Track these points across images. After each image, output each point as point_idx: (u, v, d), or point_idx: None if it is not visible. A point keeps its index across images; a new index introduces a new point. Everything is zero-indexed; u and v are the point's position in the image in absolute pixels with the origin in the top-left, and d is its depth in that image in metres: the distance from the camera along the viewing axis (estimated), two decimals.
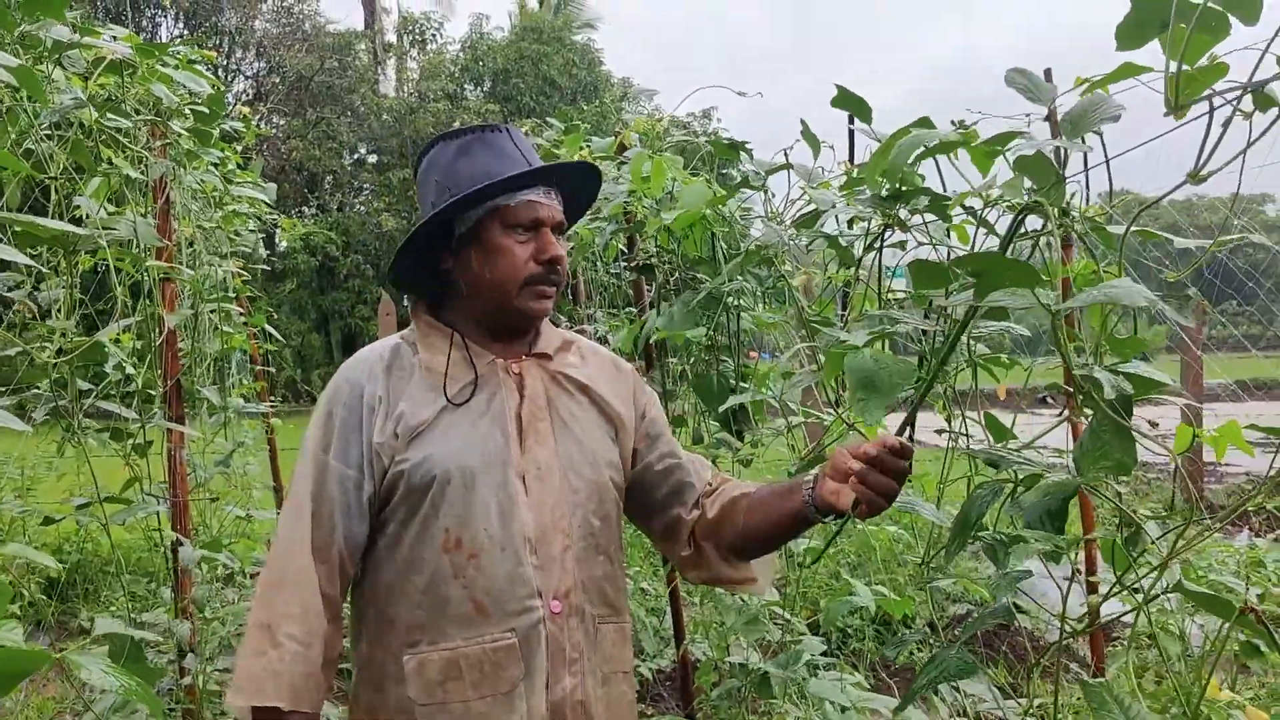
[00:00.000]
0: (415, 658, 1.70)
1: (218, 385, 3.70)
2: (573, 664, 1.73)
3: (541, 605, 1.71)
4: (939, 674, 1.64)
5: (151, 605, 5.02)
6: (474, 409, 1.78)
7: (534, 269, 1.79)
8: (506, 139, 1.86)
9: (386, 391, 1.77)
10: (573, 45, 31.75)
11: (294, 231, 5.51)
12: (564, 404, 1.86)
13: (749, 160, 2.31)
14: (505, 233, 1.79)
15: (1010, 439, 1.54)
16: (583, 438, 1.84)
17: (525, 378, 1.84)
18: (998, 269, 1.34)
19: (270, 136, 27.01)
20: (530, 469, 1.77)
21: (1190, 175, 1.16)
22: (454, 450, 1.73)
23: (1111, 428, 1.37)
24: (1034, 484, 1.51)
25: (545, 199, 1.81)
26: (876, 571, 5.11)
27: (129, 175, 2.71)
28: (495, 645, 1.68)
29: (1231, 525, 6.92)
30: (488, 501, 1.72)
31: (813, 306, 2.25)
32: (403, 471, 1.72)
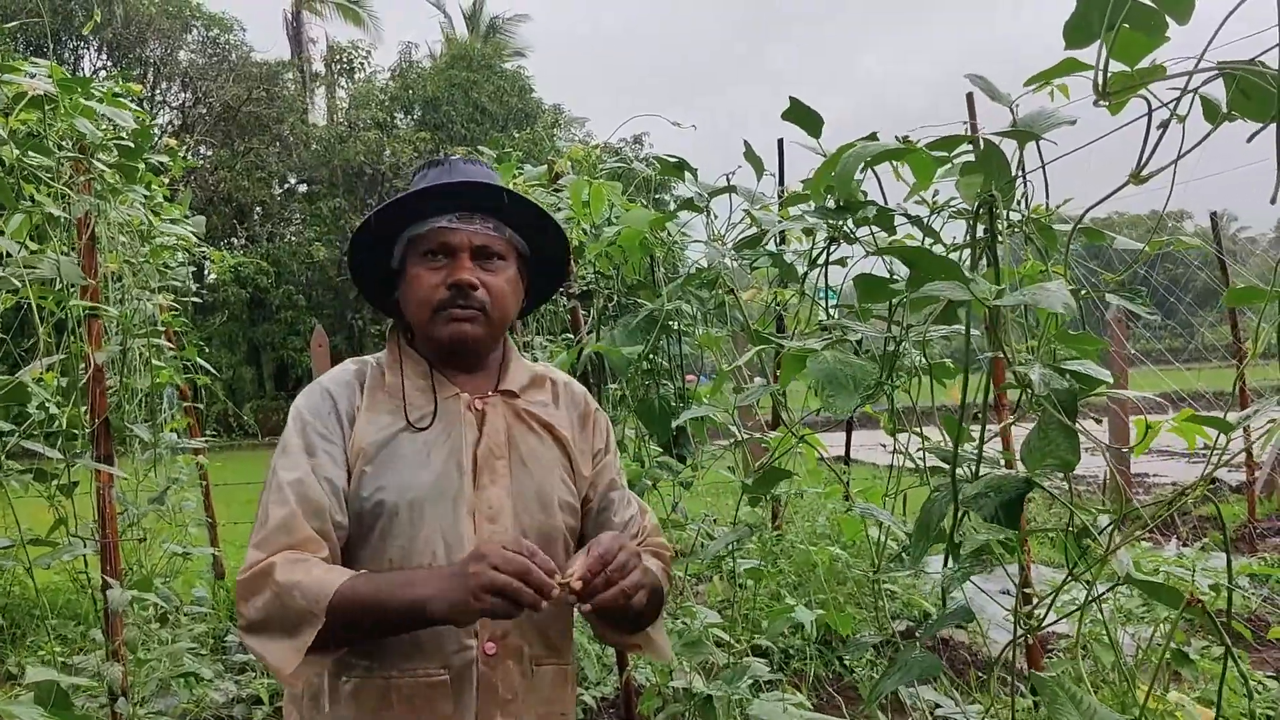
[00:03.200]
0: (353, 681, 1.70)
1: (149, 422, 3.63)
2: (506, 704, 1.72)
3: (476, 645, 1.70)
4: (905, 675, 1.65)
5: (83, 648, 4.90)
6: (429, 440, 1.77)
7: (442, 294, 1.77)
8: (444, 169, 1.86)
9: (353, 407, 1.78)
10: (503, 73, 31.83)
11: (224, 264, 5.44)
12: (526, 443, 1.84)
13: (693, 182, 2.33)
14: (419, 260, 1.80)
15: (966, 440, 1.57)
16: (540, 478, 1.82)
17: (488, 414, 1.82)
18: (927, 261, 1.38)
19: (197, 168, 26.65)
20: (482, 507, 1.75)
21: (1132, 175, 1.20)
22: (404, 481, 1.73)
23: (1057, 426, 1.41)
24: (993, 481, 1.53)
25: (461, 224, 1.79)
26: (817, 590, 5.13)
27: (51, 213, 2.65)
28: (428, 680, 1.68)
29: (1161, 535, 7.06)
30: (433, 536, 1.71)
31: (755, 325, 2.26)
32: (356, 498, 1.72)
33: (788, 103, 1.72)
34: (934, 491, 1.61)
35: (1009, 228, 1.47)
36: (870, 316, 1.75)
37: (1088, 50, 1.26)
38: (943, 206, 1.55)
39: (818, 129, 1.71)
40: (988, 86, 1.43)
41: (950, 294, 1.33)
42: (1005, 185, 1.41)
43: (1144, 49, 1.21)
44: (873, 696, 1.73)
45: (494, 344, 1.87)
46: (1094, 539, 1.52)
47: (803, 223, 1.85)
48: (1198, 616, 1.32)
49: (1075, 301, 1.30)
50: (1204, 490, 1.30)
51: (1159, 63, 1.23)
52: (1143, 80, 1.19)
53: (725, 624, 3.13)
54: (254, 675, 4.66)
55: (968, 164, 1.43)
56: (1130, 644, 4.00)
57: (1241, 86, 1.20)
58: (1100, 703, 1.43)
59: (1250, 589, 5.73)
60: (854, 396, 1.54)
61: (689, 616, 3.07)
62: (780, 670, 4.71)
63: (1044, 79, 1.32)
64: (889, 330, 1.65)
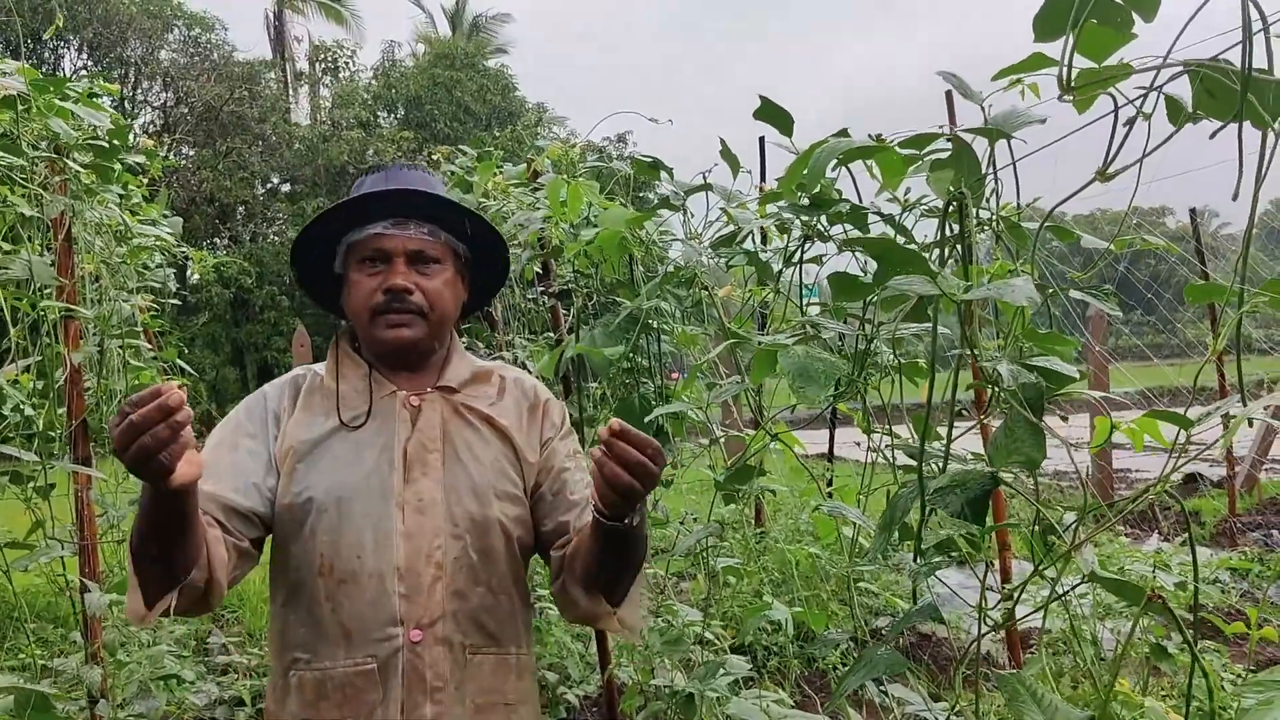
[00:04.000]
0: (296, 675, 1.78)
1: None
2: (435, 692, 1.75)
3: (402, 634, 1.75)
4: (869, 671, 1.66)
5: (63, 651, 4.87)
6: (361, 438, 1.84)
7: (379, 299, 1.84)
8: (381, 176, 1.93)
9: (284, 409, 1.87)
10: (486, 71, 31.77)
11: (206, 264, 5.41)
12: (462, 436, 1.89)
13: (669, 181, 2.33)
14: (357, 266, 1.88)
15: (935, 438, 1.58)
16: (475, 471, 1.86)
17: (424, 410, 1.88)
18: (894, 253, 1.40)
19: (179, 168, 26.52)
20: (411, 500, 1.80)
21: (1098, 173, 1.21)
22: (333, 479, 1.80)
23: (1024, 424, 1.42)
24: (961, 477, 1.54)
25: (396, 230, 1.85)
26: (798, 588, 5.15)
27: (25, 213, 2.64)
28: (357, 670, 1.74)
29: (1141, 530, 7.10)
30: (361, 530, 1.77)
31: (732, 323, 2.27)
32: (287, 494, 1.80)
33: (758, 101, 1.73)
34: (902, 487, 1.62)
35: (979, 225, 1.48)
36: (845, 314, 1.76)
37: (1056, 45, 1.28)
38: (914, 204, 1.56)
39: (789, 127, 1.72)
40: (960, 84, 1.44)
41: (918, 289, 1.34)
42: (975, 182, 1.42)
43: (1111, 45, 1.21)
44: (839, 692, 1.74)
45: (435, 344, 1.94)
46: (1059, 535, 1.53)
47: (777, 219, 1.86)
48: (1158, 612, 1.33)
49: (1041, 298, 1.31)
50: (1165, 487, 1.30)
51: (1125, 61, 1.24)
52: (1109, 77, 1.20)
53: (706, 622, 3.13)
54: (236, 677, 4.65)
55: (938, 161, 1.43)
56: (1110, 638, 4.02)
57: (1206, 85, 1.21)
58: (1069, 698, 1.44)
59: (1231, 583, 5.77)
60: (825, 387, 1.55)
61: (670, 615, 3.07)
62: (761, 668, 4.72)
63: (1012, 73, 1.33)
64: (861, 327, 1.66)
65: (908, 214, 1.61)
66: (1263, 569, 6.02)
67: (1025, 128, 1.40)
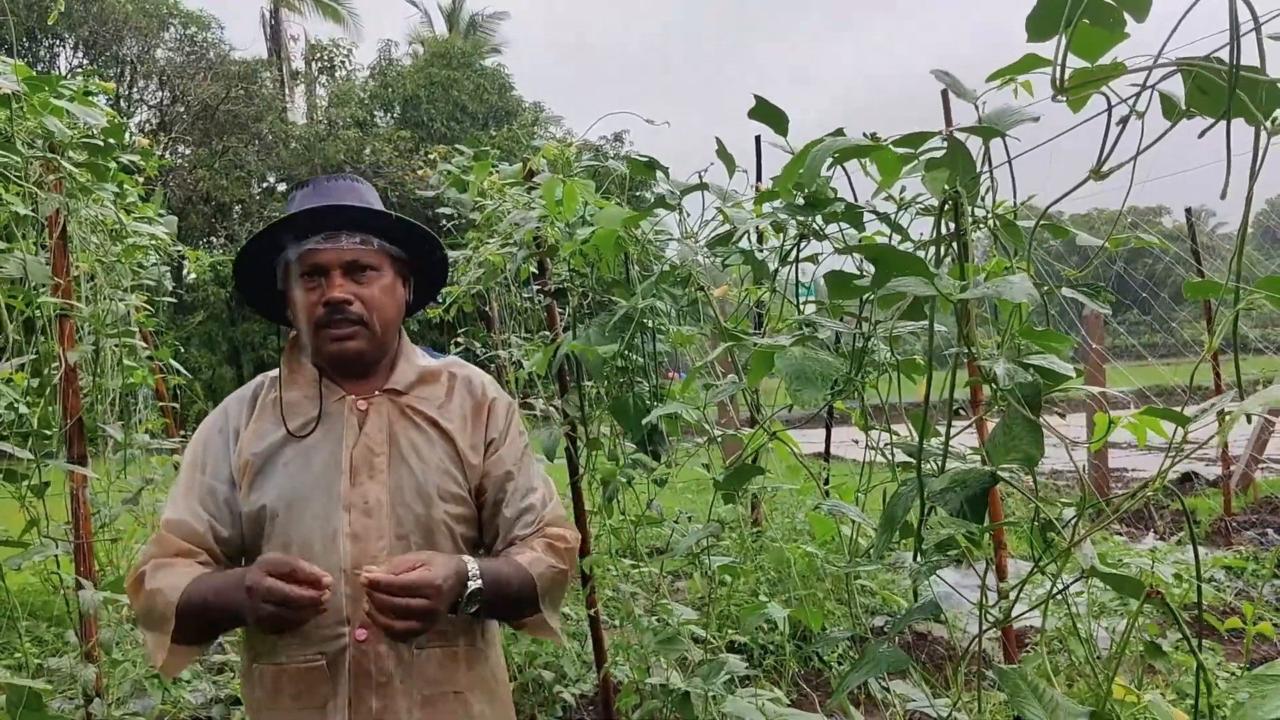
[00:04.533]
0: (258, 668, 1.90)
1: (122, 422, 3.61)
2: (380, 687, 1.84)
3: (348, 632, 1.84)
4: (872, 668, 1.66)
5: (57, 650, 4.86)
6: (311, 445, 1.92)
7: (319, 313, 1.91)
8: (309, 191, 2.00)
9: (242, 424, 1.96)
10: (482, 70, 31.73)
11: (202, 263, 5.41)
12: (408, 438, 1.96)
13: (665, 180, 2.33)
14: (297, 282, 1.94)
15: (933, 435, 1.58)
16: (420, 472, 1.93)
17: (370, 414, 1.95)
18: (891, 257, 1.40)
19: (175, 167, 26.48)
20: (358, 502, 1.88)
21: (1092, 172, 1.21)
22: (283, 485, 1.89)
23: (1022, 422, 1.42)
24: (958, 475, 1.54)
25: (328, 244, 1.92)
26: (795, 587, 5.15)
27: (19, 212, 2.63)
28: (309, 666, 1.84)
29: (1137, 529, 7.11)
30: (309, 532, 1.86)
31: (729, 322, 2.26)
32: (246, 503, 1.90)
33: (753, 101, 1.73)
34: (901, 486, 1.62)
35: (974, 223, 1.48)
36: (841, 313, 1.76)
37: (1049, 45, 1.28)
38: (910, 203, 1.56)
39: (784, 127, 1.71)
40: (954, 83, 1.44)
41: (915, 289, 1.34)
42: (970, 181, 1.42)
43: (1103, 45, 1.22)
44: (840, 689, 1.74)
45: (380, 350, 2.00)
46: (1058, 532, 1.53)
47: (773, 219, 1.86)
48: (1158, 608, 1.33)
49: (1039, 295, 1.31)
50: (1161, 484, 1.30)
51: (1118, 60, 1.24)
52: (1102, 76, 1.20)
53: (702, 620, 3.13)
54: (231, 675, 4.64)
55: (932, 159, 1.44)
56: (1105, 637, 4.03)
57: (1199, 84, 1.21)
58: (1065, 695, 1.44)
59: (1226, 582, 5.78)
60: (821, 389, 1.55)
61: (666, 614, 3.07)
62: (758, 666, 4.72)
63: (1006, 74, 1.33)
64: (858, 327, 1.66)
65: (903, 213, 1.61)
66: (1258, 567, 6.03)
67: (1019, 126, 1.40)
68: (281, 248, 1.94)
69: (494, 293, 4.86)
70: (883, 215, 1.64)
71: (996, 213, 1.51)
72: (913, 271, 1.36)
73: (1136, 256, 13.78)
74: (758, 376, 1.76)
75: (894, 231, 1.63)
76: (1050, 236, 1.75)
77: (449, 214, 4.49)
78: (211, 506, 1.91)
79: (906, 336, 1.75)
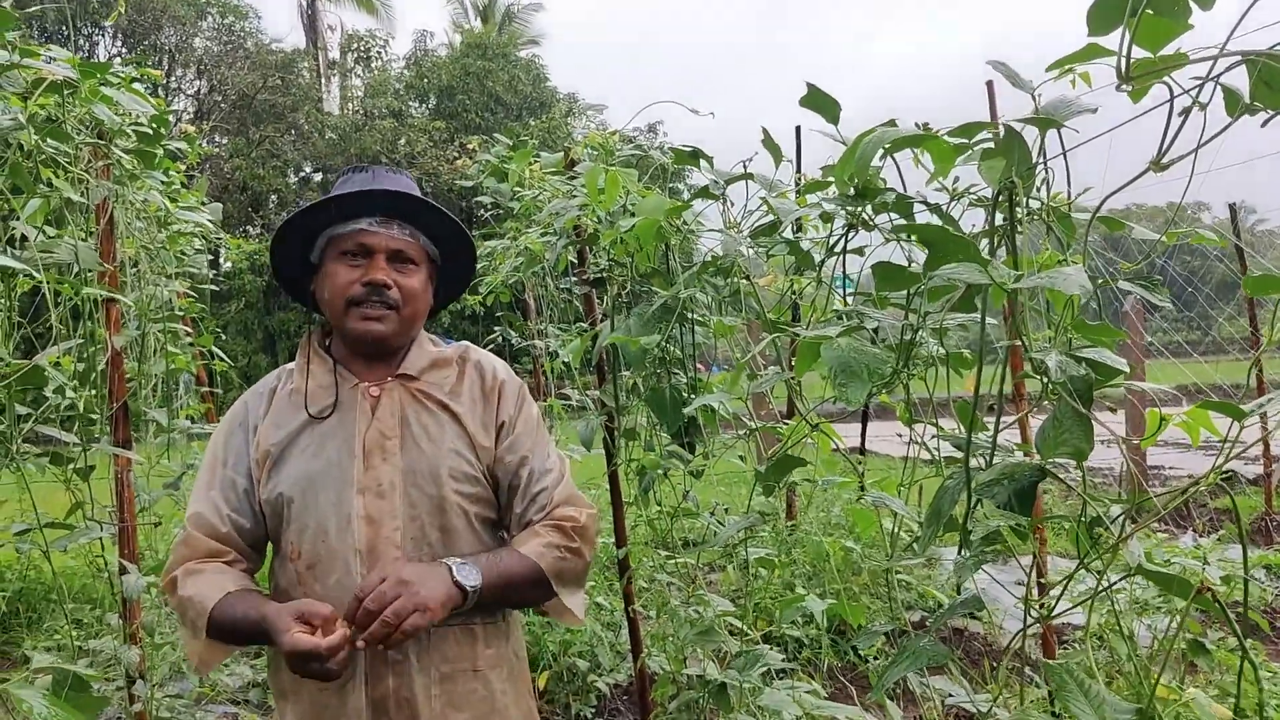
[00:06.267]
0: None
1: (165, 407, 3.64)
2: (395, 665, 1.88)
3: None
4: (913, 662, 1.65)
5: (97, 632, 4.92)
6: (325, 431, 1.97)
7: (357, 291, 1.95)
8: (368, 175, 2.04)
9: (260, 417, 2.02)
10: (517, 61, 31.75)
11: (239, 251, 5.45)
12: (420, 421, 2.00)
13: (709, 169, 2.32)
14: (337, 258, 1.98)
15: (981, 429, 1.57)
16: (432, 454, 1.98)
17: (383, 399, 2.00)
18: (945, 241, 1.38)
19: (212, 156, 26.69)
20: (371, 485, 1.92)
21: (1152, 163, 1.19)
22: (298, 471, 1.94)
23: (1072, 415, 1.40)
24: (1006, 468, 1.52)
25: (380, 229, 1.97)
26: (831, 580, 5.13)
27: (69, 198, 2.66)
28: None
29: (1177, 527, 7.04)
30: (325, 517, 1.91)
31: (771, 313, 2.25)
32: (264, 492, 1.96)
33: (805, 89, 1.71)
34: (947, 480, 1.61)
35: (1028, 215, 1.47)
36: (888, 305, 1.75)
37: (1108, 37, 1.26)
38: (963, 194, 1.55)
39: (835, 115, 1.70)
40: (1009, 73, 1.42)
41: (968, 277, 1.32)
42: (1026, 172, 1.40)
43: (1167, 34, 1.20)
44: (879, 684, 1.73)
45: (402, 340, 2.05)
46: (1106, 528, 1.51)
47: (819, 210, 1.85)
48: (1208, 607, 1.31)
49: (1094, 288, 1.30)
50: (1215, 480, 1.29)
51: (1181, 50, 1.23)
52: (1165, 67, 1.18)
53: (738, 612, 3.13)
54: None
55: (988, 150, 1.42)
56: (1146, 635, 3.99)
57: (1264, 76, 1.19)
58: (1111, 692, 1.43)
59: (1266, 581, 5.71)
60: (867, 385, 1.54)
61: (702, 605, 3.07)
62: (793, 658, 4.71)
63: (1066, 64, 1.31)
64: (906, 318, 1.65)
65: (955, 203, 1.60)
66: None
67: (1076, 116, 1.38)
68: (329, 223, 2.00)
69: (531, 282, 4.87)
70: (933, 206, 1.62)
71: (1051, 204, 1.49)
72: (967, 258, 1.34)
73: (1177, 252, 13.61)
74: (804, 368, 1.75)
75: (945, 222, 1.62)
76: (1096, 229, 1.73)
77: (486, 204, 4.50)
78: (233, 499, 1.97)
79: (954, 329, 1.74)
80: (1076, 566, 1.58)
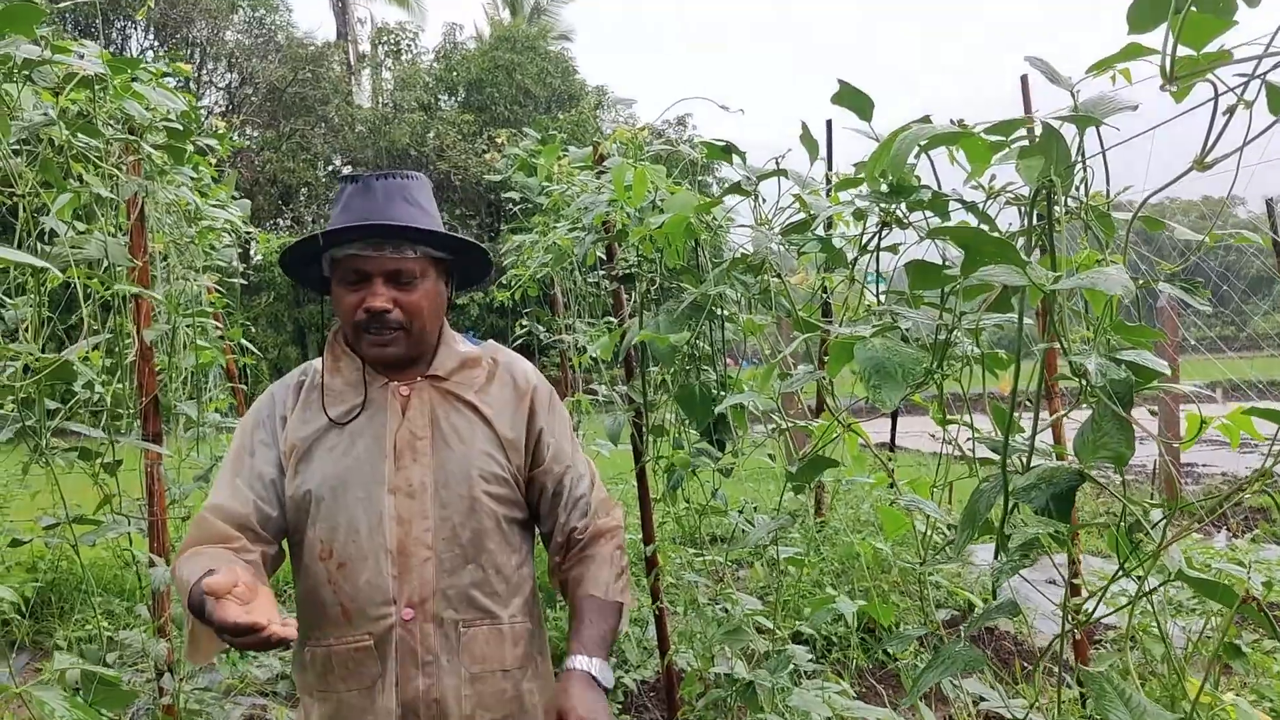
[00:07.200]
0: (309, 650, 1.95)
1: (194, 400, 3.66)
2: (426, 665, 1.89)
3: (395, 612, 1.89)
4: (948, 668, 1.63)
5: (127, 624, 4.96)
6: (355, 430, 1.96)
7: (360, 317, 1.95)
8: (359, 189, 2.02)
9: (288, 410, 2.01)
10: (546, 54, 31.74)
11: (270, 245, 5.48)
12: (450, 422, 2.00)
13: (743, 165, 2.29)
14: (339, 283, 1.99)
15: (1017, 431, 1.54)
16: (463, 455, 1.97)
17: (413, 399, 2.00)
18: (982, 242, 1.36)
19: (243, 149, 26.85)
20: (402, 486, 1.93)
21: (1196, 161, 1.16)
22: (328, 469, 1.93)
23: (1112, 418, 1.38)
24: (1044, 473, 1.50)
25: (373, 251, 1.94)
26: (860, 578, 5.10)
27: (99, 193, 2.67)
28: (356, 646, 1.89)
29: (1211, 526, 6.96)
30: (355, 516, 1.91)
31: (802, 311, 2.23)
32: (291, 488, 1.95)
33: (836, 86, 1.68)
34: (983, 482, 1.58)
35: (1067, 214, 1.44)
36: (921, 304, 1.72)
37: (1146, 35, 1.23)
38: (999, 192, 1.52)
39: (868, 112, 1.67)
40: (1047, 69, 1.39)
41: (1006, 279, 1.30)
42: (1064, 170, 1.37)
43: (1212, 32, 1.17)
44: (914, 689, 1.71)
45: (420, 349, 2.03)
46: (1146, 533, 1.48)
47: (852, 207, 1.82)
48: (1252, 615, 1.28)
49: (1135, 289, 1.27)
50: (1263, 485, 1.26)
51: (1225, 48, 1.20)
52: (1209, 65, 1.15)
53: (766, 610, 3.11)
54: None
55: (1026, 148, 1.39)
56: (1180, 636, 3.94)
57: None
58: (1149, 698, 1.40)
59: None
60: (901, 387, 1.52)
61: (730, 603, 3.05)
62: (822, 658, 4.69)
63: (1107, 64, 1.29)
64: (940, 318, 1.62)
65: (991, 202, 1.57)
66: None
67: (1116, 114, 1.35)
68: (328, 246, 1.99)
69: (559, 277, 4.86)
70: (969, 204, 1.59)
71: (1090, 203, 1.46)
72: (1004, 259, 1.32)
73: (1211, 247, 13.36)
74: (837, 368, 1.73)
75: (981, 221, 1.59)
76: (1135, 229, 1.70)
77: (514, 198, 4.50)
78: (259, 488, 1.95)
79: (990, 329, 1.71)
80: (1115, 573, 1.56)
